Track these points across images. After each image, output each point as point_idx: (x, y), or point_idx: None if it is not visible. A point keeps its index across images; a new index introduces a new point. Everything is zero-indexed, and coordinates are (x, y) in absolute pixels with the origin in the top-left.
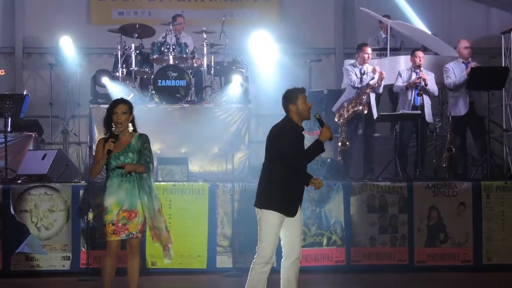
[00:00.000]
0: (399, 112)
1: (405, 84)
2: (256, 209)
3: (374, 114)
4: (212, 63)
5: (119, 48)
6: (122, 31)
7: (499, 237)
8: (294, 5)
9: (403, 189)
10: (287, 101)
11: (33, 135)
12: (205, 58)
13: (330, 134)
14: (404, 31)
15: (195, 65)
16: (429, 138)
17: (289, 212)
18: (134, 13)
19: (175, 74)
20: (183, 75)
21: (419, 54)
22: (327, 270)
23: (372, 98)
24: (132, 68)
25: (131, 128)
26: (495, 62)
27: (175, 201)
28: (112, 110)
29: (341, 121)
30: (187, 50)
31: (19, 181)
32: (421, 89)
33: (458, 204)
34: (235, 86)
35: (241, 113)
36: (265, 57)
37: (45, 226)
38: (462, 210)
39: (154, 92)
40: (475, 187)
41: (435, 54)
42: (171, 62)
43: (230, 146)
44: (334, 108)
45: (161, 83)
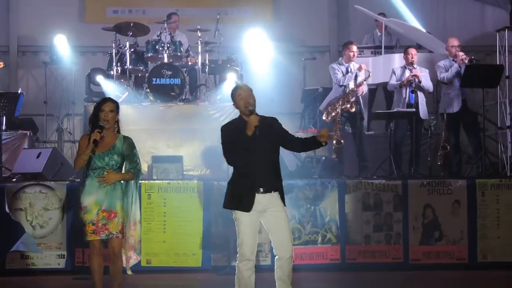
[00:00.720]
0: (394, 110)
1: (399, 82)
2: None
3: (363, 112)
4: (207, 61)
5: (114, 47)
6: (117, 30)
7: (494, 235)
8: (289, 3)
9: (398, 187)
10: (232, 99)
11: (28, 134)
12: (200, 56)
13: (254, 124)
14: (399, 29)
15: (190, 63)
16: (424, 136)
17: (244, 207)
18: (129, 11)
19: (170, 73)
20: (178, 74)
21: (412, 51)
22: (322, 268)
23: (361, 96)
24: (127, 67)
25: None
26: (490, 60)
27: (170, 199)
28: (100, 108)
29: (329, 119)
30: (182, 49)
31: (14, 180)
32: (415, 86)
33: (453, 202)
34: (230, 84)
35: (236, 111)
36: (260, 55)
37: (40, 225)
38: (457, 208)
39: (149, 91)
40: (470, 185)
41: (430, 52)
42: (166, 61)
43: None
44: (321, 107)
45: (156, 82)
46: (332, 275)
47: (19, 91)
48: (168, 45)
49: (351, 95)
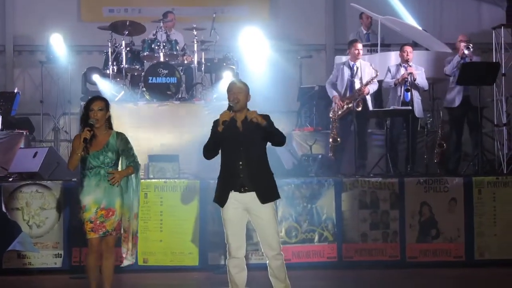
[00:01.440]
0: (390, 108)
1: (394, 80)
2: None
3: (369, 106)
4: (203, 60)
5: (110, 46)
6: (113, 29)
7: (491, 233)
8: (285, 2)
9: (395, 185)
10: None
11: (24, 133)
12: (196, 55)
13: (222, 119)
14: (395, 27)
15: (186, 62)
16: (420, 134)
17: (219, 202)
18: (125, 11)
19: (166, 71)
20: (174, 72)
21: (407, 49)
22: (319, 267)
23: (368, 95)
24: (123, 66)
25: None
26: (486, 58)
27: (166, 198)
28: (89, 107)
29: (337, 117)
30: (178, 47)
31: (11, 179)
32: (410, 85)
33: (450, 200)
34: (226, 83)
35: None
36: (256, 54)
37: (37, 224)
38: (454, 206)
39: (145, 90)
40: (467, 183)
41: (426, 50)
42: (162, 59)
43: None
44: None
45: (152, 80)
46: (329, 273)
47: (16, 91)
48: (164, 44)
49: (358, 94)
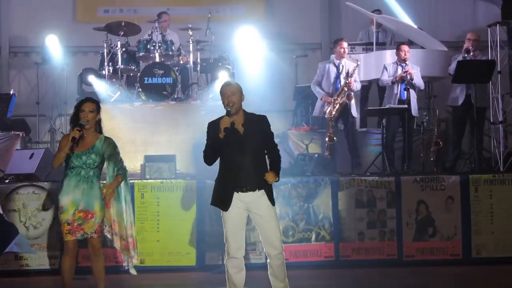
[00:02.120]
0: (386, 107)
1: (391, 78)
2: None
3: (353, 109)
4: (198, 60)
5: (105, 46)
6: (108, 29)
7: (488, 231)
8: (280, 1)
9: (391, 184)
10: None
11: (20, 134)
12: (191, 55)
13: (223, 125)
14: (390, 26)
15: (181, 62)
16: (416, 132)
17: (223, 206)
18: (120, 11)
19: (161, 72)
20: (170, 73)
21: (404, 48)
22: (316, 266)
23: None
24: (118, 66)
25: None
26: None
27: (163, 199)
28: (80, 108)
29: (333, 116)
30: (173, 48)
31: (7, 181)
32: (407, 83)
33: (446, 198)
34: (222, 83)
35: None
36: (252, 53)
37: (34, 225)
38: (450, 204)
39: (141, 90)
40: (463, 181)
41: (422, 48)
42: (157, 60)
43: None
44: (315, 113)
45: (148, 81)
46: (327, 272)
47: (11, 92)
48: (160, 44)
49: (346, 88)
